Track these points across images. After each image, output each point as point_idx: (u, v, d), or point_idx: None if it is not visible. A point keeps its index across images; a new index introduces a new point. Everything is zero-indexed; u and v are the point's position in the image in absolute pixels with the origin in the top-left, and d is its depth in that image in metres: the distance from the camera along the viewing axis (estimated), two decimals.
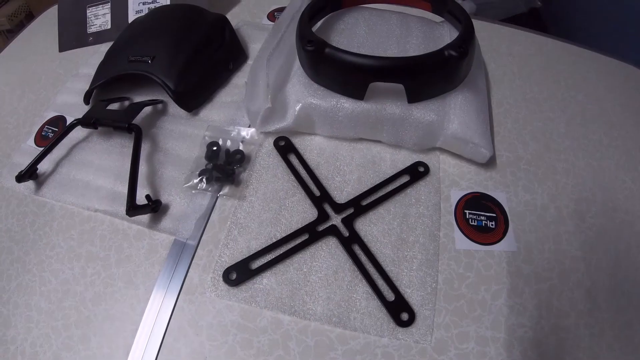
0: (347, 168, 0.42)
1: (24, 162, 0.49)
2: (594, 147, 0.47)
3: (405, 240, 0.37)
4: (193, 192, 0.41)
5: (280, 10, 0.61)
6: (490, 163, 0.43)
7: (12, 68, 0.66)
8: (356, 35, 0.48)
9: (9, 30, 1.46)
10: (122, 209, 0.40)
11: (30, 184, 0.47)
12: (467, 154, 0.41)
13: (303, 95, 0.42)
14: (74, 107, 0.53)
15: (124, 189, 0.42)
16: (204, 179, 0.41)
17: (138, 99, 0.51)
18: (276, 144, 0.44)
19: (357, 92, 0.40)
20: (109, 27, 0.62)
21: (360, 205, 0.38)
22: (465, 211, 0.39)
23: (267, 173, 0.42)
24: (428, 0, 0.50)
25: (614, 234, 0.40)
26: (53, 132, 0.51)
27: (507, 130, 0.47)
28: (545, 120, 0.49)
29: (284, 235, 0.37)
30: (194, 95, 0.48)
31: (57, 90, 0.58)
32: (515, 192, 0.41)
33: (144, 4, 0.61)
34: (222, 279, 0.36)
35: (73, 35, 0.64)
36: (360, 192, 0.39)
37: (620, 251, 0.39)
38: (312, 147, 0.44)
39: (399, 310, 0.33)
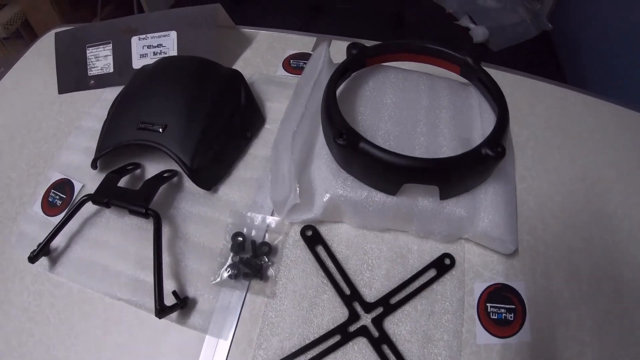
0: (375, 262, 0.40)
1: (32, 231, 0.46)
2: (609, 220, 0.46)
3: (431, 338, 0.37)
4: (224, 289, 0.39)
5: (297, 57, 0.57)
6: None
7: (10, 107, 0.61)
8: (384, 105, 0.45)
9: (5, 38, 1.38)
10: (148, 299, 0.39)
11: (43, 259, 0.44)
12: (492, 247, 0.41)
13: (332, 185, 0.39)
14: (80, 170, 0.50)
15: (146, 277, 0.40)
16: (232, 275, 0.39)
17: (149, 167, 0.48)
18: (303, 234, 0.41)
19: (390, 188, 0.38)
20: (111, 70, 0.57)
21: (389, 304, 0.38)
22: (487, 304, 0.38)
23: (296, 267, 0.40)
24: (457, 64, 0.47)
25: (625, 316, 0.40)
26: (61, 199, 0.48)
27: (529, 210, 0.45)
28: (566, 193, 0.47)
29: (316, 336, 0.36)
30: (212, 171, 0.45)
31: (60, 143, 0.54)
32: (534, 279, 0.41)
33: (148, 47, 0.55)
34: None
35: (73, 76, 0.58)
36: (389, 290, 0.38)
37: (636, 328, 0.38)
38: (339, 237, 0.42)
39: None
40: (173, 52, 0.55)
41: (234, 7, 1.03)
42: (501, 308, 0.38)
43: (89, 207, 0.45)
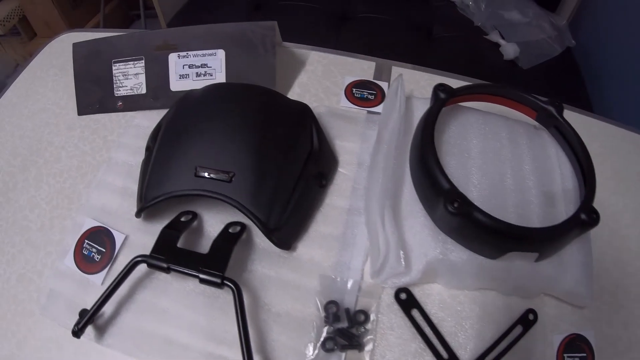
0: (468, 323, 0.37)
1: (66, 290, 0.39)
2: None
3: None
4: None
5: (360, 86, 0.49)
6: None
7: (18, 128, 0.51)
8: (470, 154, 0.41)
9: (1, 35, 1.25)
10: None
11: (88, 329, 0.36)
12: (570, 300, 0.40)
13: (432, 248, 0.36)
14: (118, 217, 0.42)
15: (222, 351, 0.35)
16: (335, 349, 0.34)
17: (207, 217, 0.41)
18: (397, 297, 0.37)
19: (493, 253, 0.36)
20: (144, 91, 0.48)
21: None
22: (564, 355, 0.38)
23: (392, 334, 0.36)
24: (535, 109, 0.44)
25: None
26: (99, 253, 0.40)
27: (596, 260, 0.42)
28: (621, 238, 0.45)
29: None
30: (290, 228, 0.38)
31: (86, 179, 0.45)
32: (600, 328, 0.40)
33: (190, 67, 0.47)
34: None
35: (95, 96, 0.49)
36: (483, 350, 0.36)
37: None
38: (432, 298, 0.38)
39: None
40: (220, 74, 0.46)
41: (251, 12, 0.91)
42: (576, 358, 0.38)
43: (141, 267, 0.38)
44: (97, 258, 0.40)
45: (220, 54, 0.46)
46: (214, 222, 0.40)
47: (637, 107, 0.87)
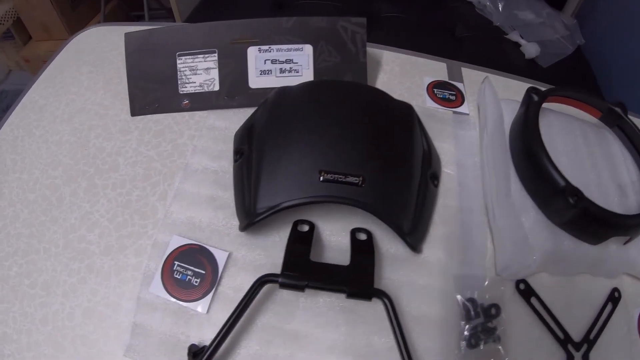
0: (572, 304, 0.39)
1: (158, 324, 0.32)
2: None
3: None
4: None
5: (440, 86, 0.47)
6: None
7: (53, 131, 0.42)
8: (557, 153, 0.41)
9: None
10: None
11: None
12: None
13: (547, 240, 0.37)
14: (213, 232, 0.35)
15: None
16: (473, 346, 0.32)
17: (324, 225, 0.36)
18: (517, 287, 0.37)
19: (595, 240, 0.38)
20: (216, 88, 0.42)
21: (589, 340, 0.38)
22: None
23: (518, 322, 0.35)
24: (600, 110, 0.47)
25: None
26: (197, 276, 0.33)
27: None
28: None
29: None
30: (420, 230, 0.35)
31: (159, 190, 0.38)
32: None
33: (272, 62, 0.42)
34: None
35: (154, 94, 0.41)
36: (588, 327, 0.38)
37: None
38: (542, 286, 0.38)
39: None
40: (307, 71, 0.41)
41: (274, 11, 0.86)
42: None
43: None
44: (196, 282, 0.33)
45: (308, 49, 0.41)
46: (331, 231, 0.35)
47: None
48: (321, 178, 0.32)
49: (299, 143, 0.34)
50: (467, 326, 0.34)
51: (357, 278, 0.30)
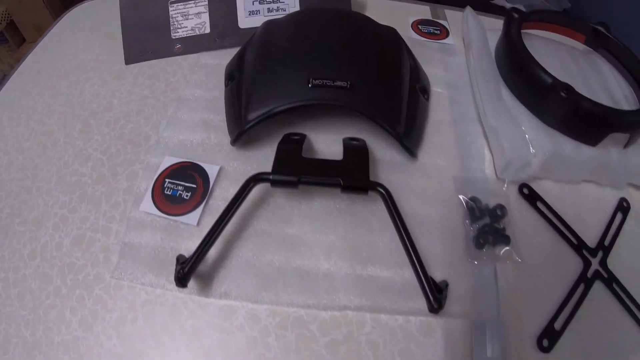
0: (580, 211, 0.37)
1: (147, 241, 0.30)
2: None
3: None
4: (475, 262, 0.30)
5: (424, 23, 0.48)
6: None
7: (50, 88, 0.42)
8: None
9: None
10: (384, 299, 0.27)
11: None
12: None
13: (546, 142, 0.36)
14: (205, 150, 0.34)
15: (365, 272, 0.28)
16: (481, 246, 0.30)
17: (316, 136, 0.34)
18: (521, 191, 0.35)
19: (594, 139, 0.37)
20: (207, 31, 0.42)
21: (605, 247, 0.36)
22: None
23: (527, 226, 0.34)
24: (583, 32, 0.46)
25: None
26: (188, 190, 0.31)
27: None
28: None
29: (568, 288, 0.32)
30: (415, 135, 0.34)
31: (153, 120, 0.37)
32: None
33: (260, 2, 0.42)
34: (537, 349, 0.29)
35: (148, 41, 0.41)
36: (601, 234, 0.36)
37: None
38: (547, 192, 0.36)
39: None
40: (294, 9, 0.42)
41: None
42: None
43: (251, 196, 0.30)
44: (187, 196, 0.31)
45: None
46: (325, 143, 0.34)
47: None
48: (310, 85, 0.31)
49: (288, 56, 0.34)
50: (473, 226, 0.32)
51: (352, 171, 0.28)
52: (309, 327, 0.26)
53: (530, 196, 0.36)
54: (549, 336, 0.30)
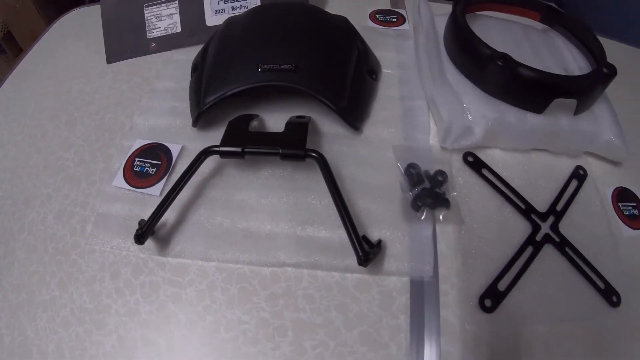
0: (531, 178, 0.38)
1: (117, 210, 0.33)
2: None
3: (595, 236, 0.36)
4: (413, 224, 0.32)
5: (382, 12, 0.52)
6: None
7: (41, 88, 0.47)
8: (496, 46, 0.40)
9: None
10: (321, 257, 0.30)
11: (148, 242, 0.31)
12: (609, 155, 0.41)
13: (488, 111, 0.37)
14: (171, 132, 0.38)
15: (305, 232, 0.31)
16: (419, 208, 0.32)
17: (269, 116, 0.38)
18: (465, 159, 0.37)
19: (539, 106, 0.38)
20: (179, 30, 0.46)
21: (557, 211, 0.37)
22: (619, 204, 0.40)
23: (471, 191, 0.35)
24: (538, 10, 0.48)
25: None
26: (154, 167, 0.35)
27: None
28: None
29: (513, 251, 0.33)
30: (357, 110, 0.36)
31: (129, 111, 0.41)
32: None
33: (225, 1, 0.46)
34: (478, 308, 0.30)
35: (127, 42, 0.46)
36: (552, 200, 0.37)
37: None
38: (495, 160, 0.38)
39: (610, 294, 0.33)
40: (256, 5, 0.46)
41: None
42: (628, 206, 0.40)
43: (203, 169, 0.34)
44: (152, 171, 0.35)
45: None
46: (276, 121, 0.37)
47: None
48: (259, 69, 0.35)
49: (242, 46, 0.37)
50: (412, 191, 0.34)
51: (291, 141, 0.31)
52: (251, 282, 0.29)
53: (475, 164, 0.38)
54: (491, 296, 0.31)
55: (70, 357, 0.28)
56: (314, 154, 0.30)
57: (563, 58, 0.45)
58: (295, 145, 0.30)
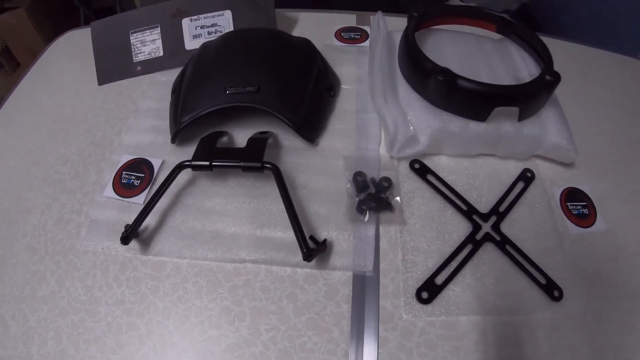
0: (476, 182, 0.41)
1: (107, 217, 0.39)
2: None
3: (539, 234, 0.39)
4: (357, 225, 0.37)
5: (347, 30, 0.56)
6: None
7: (39, 107, 0.52)
8: (448, 59, 0.45)
9: None
10: (276, 254, 0.35)
11: (132, 243, 0.37)
12: (558, 158, 0.44)
13: (432, 121, 0.41)
14: (154, 148, 0.43)
15: (263, 233, 0.36)
16: (363, 211, 0.37)
17: (237, 134, 0.43)
18: (412, 167, 0.42)
19: (482, 115, 0.41)
20: (161, 54, 0.52)
21: (499, 212, 0.41)
22: (567, 203, 0.43)
23: (415, 195, 0.40)
24: (493, 22, 0.51)
25: None
26: (138, 179, 0.41)
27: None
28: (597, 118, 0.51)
29: (452, 249, 0.37)
30: (313, 125, 0.42)
31: (116, 129, 0.47)
32: (592, 180, 0.44)
33: (202, 27, 0.51)
34: (415, 300, 0.34)
35: (115, 65, 0.52)
36: (496, 201, 0.41)
37: None
38: (441, 166, 0.42)
39: (552, 289, 0.36)
40: (229, 30, 0.51)
41: None
42: (577, 205, 0.43)
43: (180, 180, 0.39)
44: (137, 183, 0.40)
45: (228, 13, 0.51)
46: (244, 137, 0.42)
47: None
48: (227, 92, 0.40)
49: (212, 70, 0.43)
50: (359, 196, 0.38)
51: (251, 155, 0.36)
52: (217, 275, 0.35)
53: (421, 170, 0.42)
54: (428, 289, 0.35)
55: (67, 341, 0.33)
56: (269, 166, 0.35)
57: (515, 66, 0.48)
58: (254, 159, 0.36)
